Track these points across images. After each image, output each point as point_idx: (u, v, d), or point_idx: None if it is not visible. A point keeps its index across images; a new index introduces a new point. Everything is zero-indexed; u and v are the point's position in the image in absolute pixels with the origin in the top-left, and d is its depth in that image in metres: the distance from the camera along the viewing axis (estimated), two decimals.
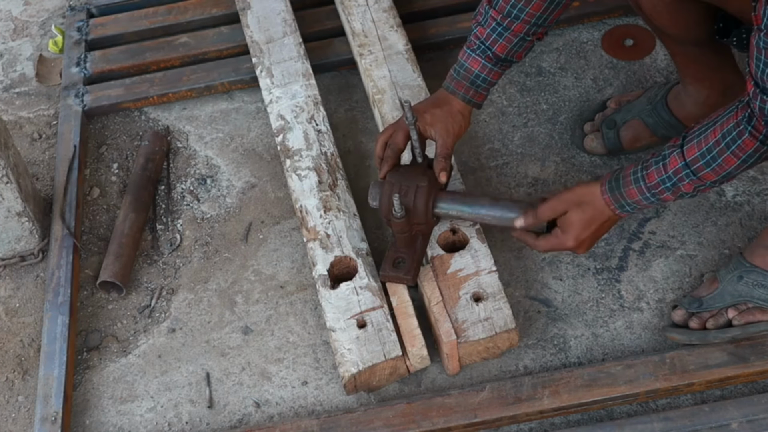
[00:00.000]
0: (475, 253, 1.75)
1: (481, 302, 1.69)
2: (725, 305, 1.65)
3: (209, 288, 1.91)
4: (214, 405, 1.75)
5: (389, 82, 2.03)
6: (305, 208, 1.86)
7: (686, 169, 1.49)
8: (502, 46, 1.72)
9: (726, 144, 1.44)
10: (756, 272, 1.64)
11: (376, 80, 2.04)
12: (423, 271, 1.75)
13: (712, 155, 1.46)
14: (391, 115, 1.97)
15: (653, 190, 1.53)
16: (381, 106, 1.99)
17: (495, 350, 1.70)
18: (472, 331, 1.67)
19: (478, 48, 1.73)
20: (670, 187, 1.52)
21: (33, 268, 1.99)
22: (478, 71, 1.74)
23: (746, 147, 1.44)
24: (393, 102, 1.99)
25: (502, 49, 1.72)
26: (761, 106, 1.38)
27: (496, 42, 1.71)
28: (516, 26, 1.69)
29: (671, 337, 1.69)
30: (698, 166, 1.48)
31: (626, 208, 1.58)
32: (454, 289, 1.71)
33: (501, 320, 1.67)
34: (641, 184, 1.54)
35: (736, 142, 1.44)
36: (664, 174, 1.52)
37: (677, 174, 1.50)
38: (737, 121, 1.44)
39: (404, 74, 2.04)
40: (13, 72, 2.39)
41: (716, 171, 1.47)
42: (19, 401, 1.80)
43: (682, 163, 1.49)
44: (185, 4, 2.38)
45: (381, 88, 2.02)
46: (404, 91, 2.01)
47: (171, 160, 2.13)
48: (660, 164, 1.52)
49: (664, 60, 2.15)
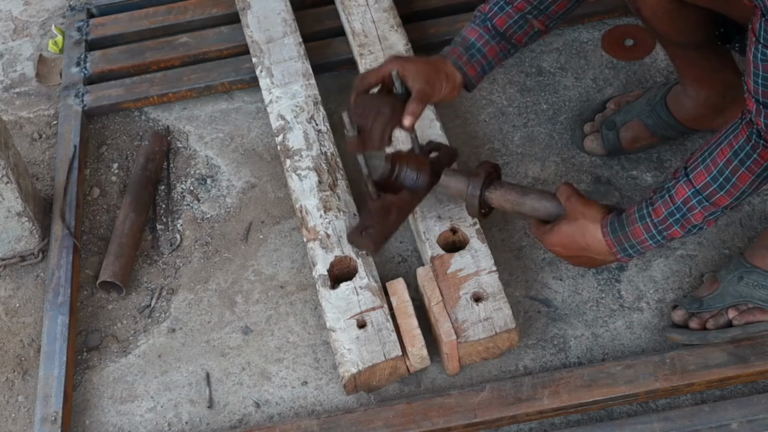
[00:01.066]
0: (476, 253, 1.75)
1: (481, 302, 1.69)
2: (725, 306, 1.65)
3: (209, 288, 1.91)
4: (214, 405, 1.75)
5: None
6: (305, 208, 1.86)
7: (697, 196, 1.46)
8: (502, 19, 1.70)
9: (739, 161, 1.41)
10: (756, 273, 1.64)
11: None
12: (423, 271, 1.75)
13: (725, 176, 1.43)
14: None
15: (661, 226, 1.50)
16: None
17: (495, 350, 1.70)
18: (472, 331, 1.67)
19: (478, 19, 1.73)
20: (679, 219, 1.48)
21: (33, 268, 1.99)
22: (474, 39, 1.72)
23: (763, 159, 1.41)
24: None
25: (501, 22, 1.71)
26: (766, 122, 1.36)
27: (497, 15, 1.71)
28: (518, 3, 1.69)
29: (671, 338, 1.69)
30: (711, 191, 1.45)
31: (629, 251, 1.55)
32: (454, 289, 1.71)
33: (501, 320, 1.67)
34: (647, 221, 1.51)
35: (751, 156, 1.41)
36: (672, 206, 1.48)
37: (687, 203, 1.47)
38: (747, 137, 1.41)
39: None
40: (13, 72, 2.39)
41: (730, 192, 1.44)
42: (19, 401, 1.80)
43: (691, 191, 1.46)
44: (185, 4, 2.38)
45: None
46: None
47: (171, 160, 2.13)
48: (666, 197, 1.49)
49: (664, 60, 2.15)
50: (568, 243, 1.61)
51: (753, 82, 1.34)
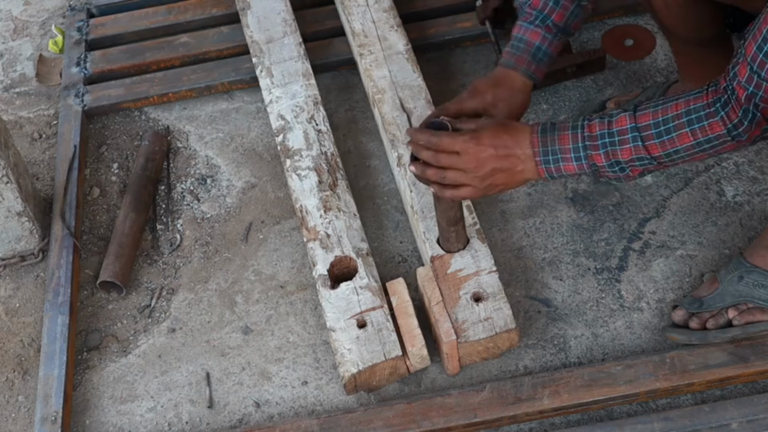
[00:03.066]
0: (476, 253, 1.75)
1: (482, 302, 1.69)
2: (725, 305, 1.65)
3: (209, 288, 1.91)
4: (214, 405, 1.75)
5: (389, 82, 2.03)
6: (305, 208, 1.86)
7: (634, 132, 1.42)
8: (560, 14, 1.66)
9: (688, 120, 1.39)
10: (756, 272, 1.64)
11: (376, 80, 2.04)
12: (423, 271, 1.75)
13: (667, 127, 1.40)
14: (391, 115, 1.97)
15: (588, 142, 1.44)
16: (381, 106, 1.99)
17: (495, 350, 1.70)
18: (472, 331, 1.67)
19: (535, 19, 1.68)
20: (607, 144, 1.43)
21: (33, 268, 1.99)
22: (538, 43, 1.67)
23: (710, 130, 1.39)
24: (393, 102, 1.99)
25: (560, 17, 1.67)
26: (753, 91, 1.33)
27: (554, 11, 1.66)
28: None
29: (671, 338, 1.69)
30: (648, 134, 1.41)
31: (549, 159, 1.46)
32: (454, 289, 1.71)
33: (501, 320, 1.67)
34: (578, 132, 1.45)
35: (702, 122, 1.39)
36: (606, 129, 1.44)
37: (622, 134, 1.43)
38: (708, 103, 1.38)
39: (404, 74, 2.04)
40: (14, 72, 2.39)
41: (664, 145, 1.41)
42: (19, 401, 1.80)
43: (631, 124, 1.42)
44: (185, 4, 2.38)
45: (381, 87, 2.02)
46: (404, 91, 2.01)
47: (171, 159, 2.13)
48: (605, 120, 1.44)
49: (664, 60, 2.15)
50: (498, 143, 1.48)
51: (756, 48, 1.31)
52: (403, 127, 1.95)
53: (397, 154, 1.92)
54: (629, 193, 1.94)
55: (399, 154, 1.91)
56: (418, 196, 1.83)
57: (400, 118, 1.96)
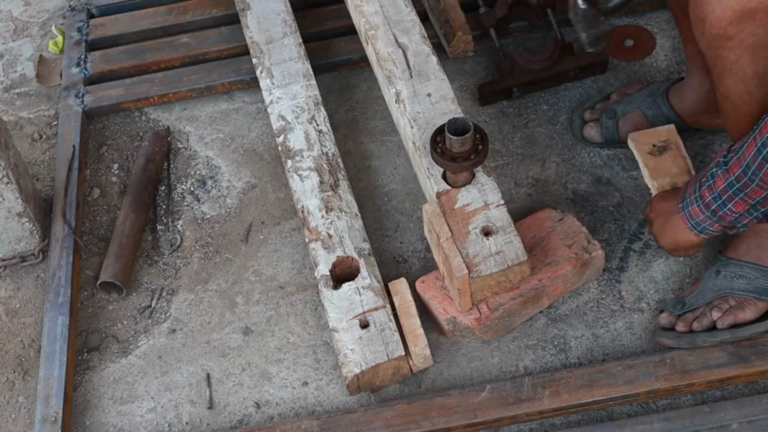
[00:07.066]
0: (482, 187, 1.71)
1: (492, 236, 1.66)
2: (707, 301, 1.66)
3: (209, 288, 1.91)
4: (215, 406, 1.75)
5: (382, 18, 1.98)
6: (307, 209, 1.86)
7: (733, 186, 1.46)
8: None
9: (763, 158, 1.40)
10: (732, 264, 1.65)
11: (368, 16, 1.99)
12: (429, 207, 1.71)
13: (752, 170, 1.42)
14: (386, 51, 1.92)
15: (711, 207, 1.51)
16: (375, 42, 1.95)
17: (507, 284, 1.67)
18: (484, 266, 1.63)
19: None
20: (722, 206, 1.49)
21: (33, 269, 1.99)
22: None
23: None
24: (386, 38, 1.94)
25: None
26: None
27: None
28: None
29: (661, 342, 1.69)
30: (744, 183, 1.44)
31: (697, 228, 1.56)
32: (462, 224, 1.67)
33: (512, 253, 1.65)
34: (699, 204, 1.53)
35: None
36: (715, 193, 1.49)
37: (725, 193, 1.47)
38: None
39: (396, 9, 1.99)
40: (14, 72, 2.39)
41: (762, 186, 1.43)
42: (19, 402, 1.80)
43: (727, 181, 1.46)
44: (185, 5, 2.38)
45: (374, 24, 1.97)
46: (397, 27, 1.96)
47: (171, 160, 2.13)
48: (710, 182, 1.50)
49: (664, 60, 2.16)
50: (669, 240, 1.64)
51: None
52: (399, 63, 1.90)
53: (394, 91, 1.88)
54: (629, 194, 1.94)
55: (397, 91, 1.87)
56: (419, 131, 1.79)
57: (395, 54, 1.92)
